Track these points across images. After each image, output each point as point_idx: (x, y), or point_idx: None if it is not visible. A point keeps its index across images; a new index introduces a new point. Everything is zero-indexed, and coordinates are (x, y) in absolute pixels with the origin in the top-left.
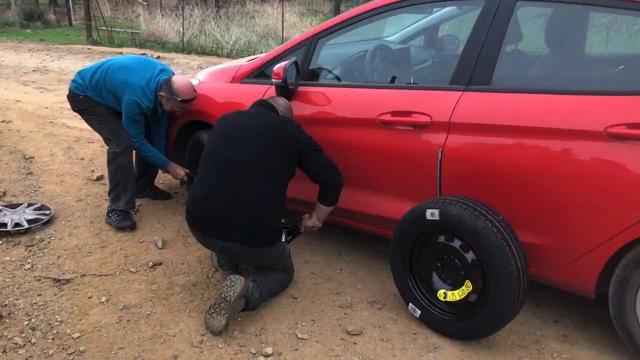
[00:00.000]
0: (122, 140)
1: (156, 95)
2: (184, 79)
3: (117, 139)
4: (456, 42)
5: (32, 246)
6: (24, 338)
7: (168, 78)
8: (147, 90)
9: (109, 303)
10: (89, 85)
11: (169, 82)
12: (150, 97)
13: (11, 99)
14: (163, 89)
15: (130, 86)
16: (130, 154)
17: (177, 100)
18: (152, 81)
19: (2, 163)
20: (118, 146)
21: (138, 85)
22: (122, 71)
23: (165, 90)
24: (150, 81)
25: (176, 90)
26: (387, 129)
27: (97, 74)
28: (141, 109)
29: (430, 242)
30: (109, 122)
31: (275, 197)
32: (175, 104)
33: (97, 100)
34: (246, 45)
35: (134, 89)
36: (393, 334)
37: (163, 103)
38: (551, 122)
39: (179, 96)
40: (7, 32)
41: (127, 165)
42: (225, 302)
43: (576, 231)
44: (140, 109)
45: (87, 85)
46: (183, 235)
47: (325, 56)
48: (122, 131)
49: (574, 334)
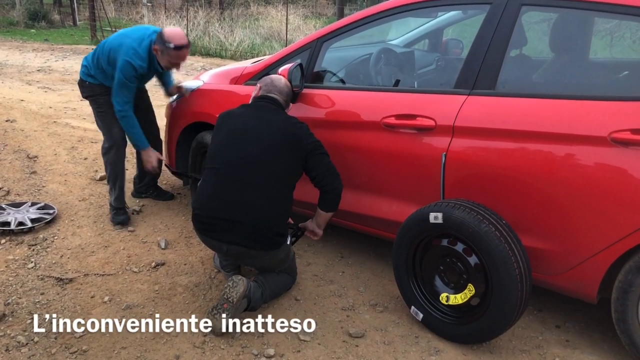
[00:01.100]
0: (112, 136)
1: (150, 53)
2: (175, 28)
3: (108, 134)
4: (460, 46)
5: (35, 245)
6: (26, 337)
7: (159, 31)
8: (139, 49)
9: (112, 303)
10: (92, 64)
11: (160, 33)
12: (143, 56)
13: (15, 98)
14: (156, 42)
15: (123, 47)
16: (119, 152)
17: (170, 48)
18: (144, 40)
19: (6, 162)
20: (107, 142)
21: (130, 46)
22: (117, 38)
23: (158, 43)
24: (143, 40)
25: (167, 38)
26: (391, 132)
27: (97, 50)
28: (135, 70)
29: (433, 245)
30: (105, 116)
31: (280, 201)
32: (169, 53)
33: (101, 81)
34: (250, 47)
35: (127, 49)
36: (395, 336)
37: (159, 58)
38: (555, 127)
39: (171, 42)
40: (11, 31)
41: (115, 162)
42: (227, 303)
43: (579, 236)
44: (134, 71)
45: (90, 65)
46: (186, 236)
47: (330, 59)
48: (114, 127)
49: (576, 339)
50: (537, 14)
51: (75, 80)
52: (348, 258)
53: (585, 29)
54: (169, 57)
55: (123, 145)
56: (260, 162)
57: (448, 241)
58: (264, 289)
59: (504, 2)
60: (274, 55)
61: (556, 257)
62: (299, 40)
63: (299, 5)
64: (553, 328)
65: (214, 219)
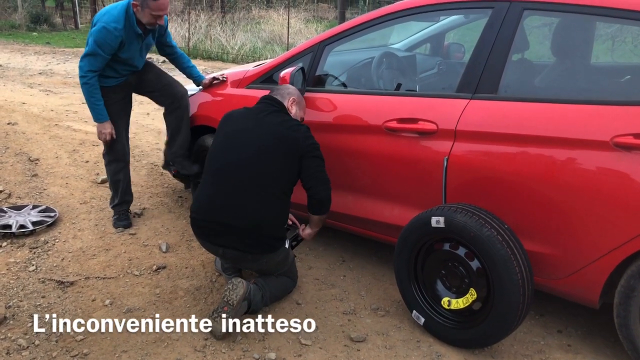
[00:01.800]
0: (114, 152)
1: (126, 15)
2: None
3: (110, 148)
4: (462, 50)
5: (36, 248)
6: (27, 340)
7: None
8: (113, 12)
9: (113, 306)
10: None
11: None
12: (117, 17)
13: (17, 101)
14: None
15: (101, 16)
16: (119, 165)
17: None
18: (118, 6)
19: (8, 165)
20: (109, 155)
21: (107, 12)
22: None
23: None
24: (117, 6)
25: None
26: (393, 135)
27: None
28: (109, 33)
29: (435, 249)
30: None
31: (276, 205)
32: (148, 4)
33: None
34: (251, 50)
35: (102, 16)
36: (396, 341)
37: (140, 15)
38: (557, 132)
39: None
40: (13, 34)
41: (114, 170)
42: (228, 306)
43: (581, 241)
44: (109, 35)
45: None
46: (187, 240)
47: (332, 63)
48: (117, 143)
49: (578, 344)
50: (539, 19)
51: (76, 84)
52: (349, 262)
53: (587, 34)
54: (150, 10)
55: (124, 162)
56: (253, 165)
57: (450, 245)
58: (264, 292)
59: (506, 7)
60: (276, 58)
61: (558, 261)
62: (301, 44)
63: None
64: (555, 333)
65: (209, 223)
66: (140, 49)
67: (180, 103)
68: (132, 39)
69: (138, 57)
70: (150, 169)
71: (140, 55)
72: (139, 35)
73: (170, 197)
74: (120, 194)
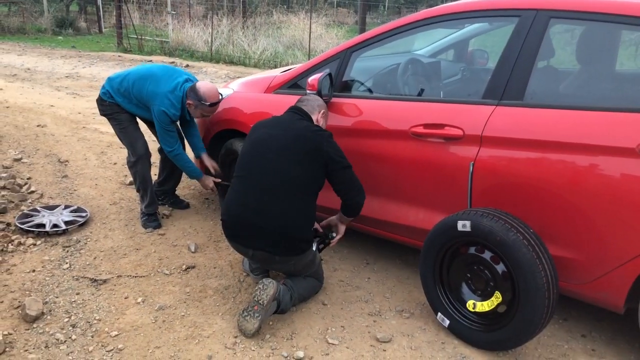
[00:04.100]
0: (136, 151)
1: (183, 103)
2: (208, 83)
3: (132, 148)
4: (485, 56)
5: (69, 247)
6: (64, 334)
7: (193, 85)
8: (173, 99)
9: (145, 304)
10: (118, 92)
11: (194, 89)
12: (177, 106)
13: (45, 103)
14: (189, 97)
15: (158, 96)
16: (145, 163)
17: (205, 105)
18: (177, 89)
19: (39, 166)
20: (132, 156)
21: (165, 96)
22: (149, 80)
23: (192, 98)
24: (176, 89)
25: (203, 95)
26: (419, 140)
27: (124, 82)
28: (169, 118)
29: (460, 253)
30: (126, 132)
31: (303, 208)
32: (204, 109)
33: (124, 106)
34: (273, 55)
35: (162, 99)
36: (422, 342)
37: (191, 111)
38: (583, 138)
39: (207, 100)
40: (40, 38)
41: (143, 173)
42: (258, 305)
43: (606, 246)
44: (170, 119)
45: (115, 93)
46: (215, 240)
47: (358, 69)
48: (137, 142)
49: (602, 349)
50: (565, 26)
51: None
52: (374, 264)
53: (612, 41)
54: (202, 112)
55: (147, 157)
56: (279, 169)
57: (475, 249)
58: (292, 292)
59: (532, 15)
60: (303, 64)
61: (583, 266)
62: (329, 50)
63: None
64: (579, 337)
65: (239, 225)
66: None
67: None
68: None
69: None
70: None
71: None
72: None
73: (197, 199)
74: (149, 194)
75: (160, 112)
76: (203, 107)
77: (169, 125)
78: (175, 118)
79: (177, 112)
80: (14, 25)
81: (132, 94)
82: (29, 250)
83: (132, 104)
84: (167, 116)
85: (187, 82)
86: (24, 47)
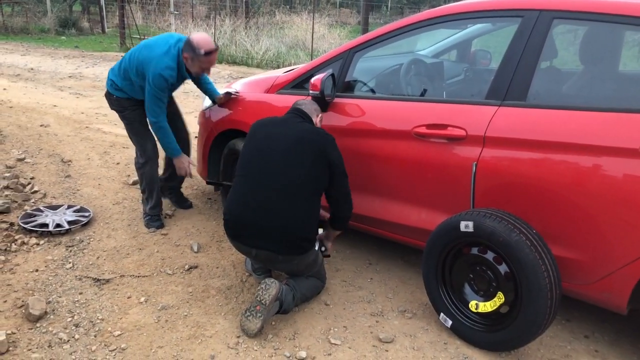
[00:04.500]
0: (146, 152)
1: (179, 61)
2: (201, 33)
3: (142, 149)
4: (488, 57)
5: (72, 246)
6: (67, 334)
7: (186, 39)
8: (168, 60)
9: (148, 303)
10: (120, 77)
11: (188, 41)
12: (172, 65)
13: (48, 103)
14: (185, 51)
15: (153, 60)
16: (153, 164)
17: (201, 55)
18: (171, 49)
19: (42, 166)
20: (142, 157)
21: (159, 58)
22: (143, 49)
23: (187, 50)
24: (170, 49)
25: (197, 45)
26: (422, 141)
27: (123, 64)
28: (166, 81)
29: (463, 253)
30: (137, 133)
31: (307, 208)
32: (200, 59)
33: (130, 94)
34: (275, 55)
35: (157, 61)
36: (424, 342)
37: (189, 65)
38: (586, 139)
39: (201, 49)
40: (43, 38)
41: (151, 175)
42: (260, 305)
43: (609, 247)
44: (165, 82)
45: (118, 78)
46: (217, 240)
47: (361, 69)
48: (148, 143)
49: (605, 350)
50: (569, 27)
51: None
52: (376, 265)
53: (615, 42)
54: (200, 63)
55: (156, 159)
56: (282, 169)
57: (478, 249)
58: (295, 292)
59: (535, 16)
60: (306, 64)
61: (586, 267)
62: (331, 51)
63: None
64: (582, 338)
65: (242, 225)
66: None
67: (184, 149)
68: (179, 81)
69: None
70: None
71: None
72: (185, 78)
73: (200, 199)
74: (155, 196)
75: (156, 75)
76: (199, 58)
77: (161, 92)
78: (173, 79)
79: (174, 72)
80: (18, 26)
81: (130, 71)
82: (32, 249)
83: (134, 87)
84: (163, 79)
85: (179, 42)
86: (27, 47)
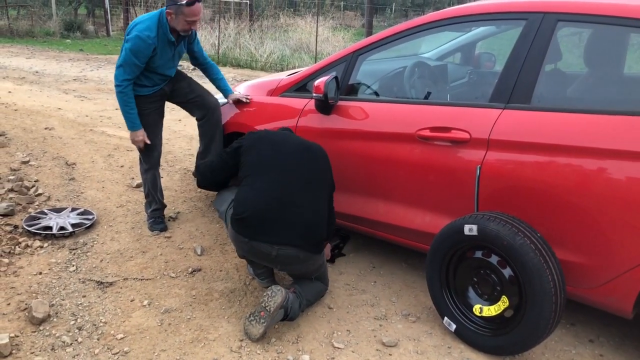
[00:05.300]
0: (150, 160)
1: (159, 23)
2: None
3: (147, 158)
4: (492, 59)
5: (76, 249)
6: (71, 337)
7: None
8: (146, 22)
9: (151, 306)
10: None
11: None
12: (152, 27)
13: (53, 106)
14: (168, 8)
15: (136, 26)
16: (156, 172)
17: (182, 6)
18: (152, 16)
19: (46, 168)
20: (145, 164)
21: (140, 21)
22: None
23: (170, 6)
24: (151, 17)
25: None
26: (426, 144)
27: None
28: (143, 41)
29: (467, 257)
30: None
31: (324, 207)
32: (183, 11)
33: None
34: (279, 58)
35: (139, 26)
36: (428, 346)
37: (174, 23)
38: (590, 142)
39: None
40: (48, 41)
41: (154, 179)
42: (265, 311)
43: (615, 250)
44: (142, 42)
45: None
46: (221, 243)
47: (365, 72)
48: (154, 151)
49: (610, 354)
50: (573, 30)
51: (110, 90)
52: (379, 268)
53: (620, 45)
54: (184, 16)
55: (158, 166)
56: (303, 169)
57: (482, 253)
58: (301, 300)
59: (539, 18)
60: (310, 67)
61: (591, 270)
62: (335, 54)
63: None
64: (586, 342)
65: (266, 220)
66: (173, 57)
67: (213, 114)
68: (165, 47)
69: (170, 64)
70: (184, 174)
71: (172, 63)
72: (171, 43)
73: (204, 201)
74: (158, 200)
75: (133, 37)
76: (182, 10)
77: (139, 55)
78: (151, 41)
79: (151, 33)
80: (23, 29)
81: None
82: (36, 252)
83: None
84: (139, 39)
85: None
86: (33, 50)
